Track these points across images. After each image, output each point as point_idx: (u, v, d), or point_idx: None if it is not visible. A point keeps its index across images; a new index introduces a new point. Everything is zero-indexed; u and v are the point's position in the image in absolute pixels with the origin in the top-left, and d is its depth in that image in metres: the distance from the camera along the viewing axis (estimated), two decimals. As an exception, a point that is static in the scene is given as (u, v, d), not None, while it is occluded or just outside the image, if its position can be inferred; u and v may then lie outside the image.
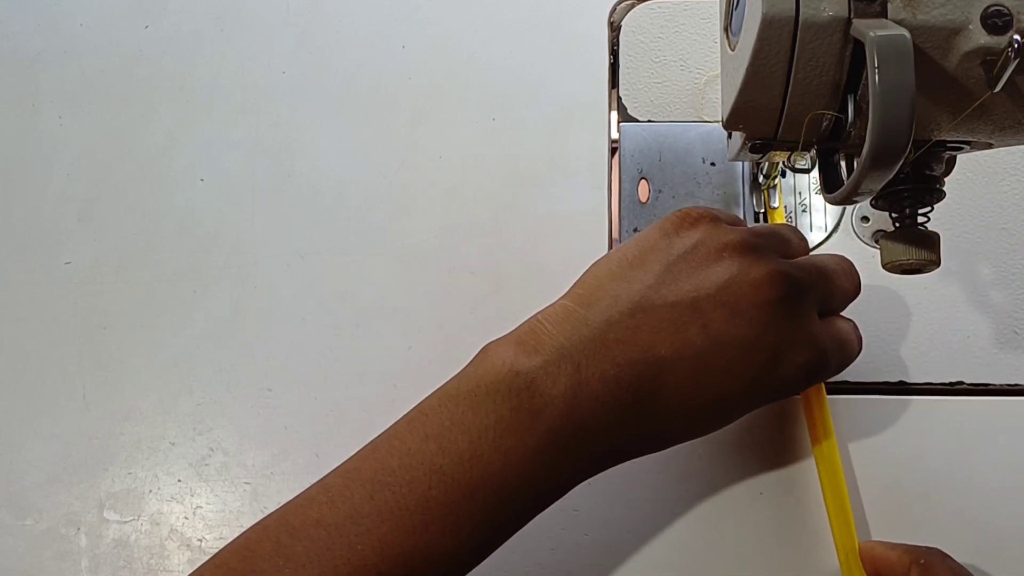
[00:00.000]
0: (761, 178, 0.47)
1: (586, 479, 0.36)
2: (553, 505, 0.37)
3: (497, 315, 0.44)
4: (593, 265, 0.38)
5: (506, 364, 0.35)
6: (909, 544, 0.39)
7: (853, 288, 0.40)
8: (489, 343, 0.37)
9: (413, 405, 0.41)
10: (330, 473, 0.36)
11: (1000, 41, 0.30)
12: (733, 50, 0.35)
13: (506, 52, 0.52)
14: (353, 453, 0.36)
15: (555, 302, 0.37)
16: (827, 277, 0.38)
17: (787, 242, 0.39)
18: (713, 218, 0.37)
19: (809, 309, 0.37)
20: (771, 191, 0.47)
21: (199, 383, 0.47)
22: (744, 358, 0.35)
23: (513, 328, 0.37)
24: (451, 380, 0.36)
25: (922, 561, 0.38)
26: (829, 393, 0.43)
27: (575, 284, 0.38)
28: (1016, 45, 0.29)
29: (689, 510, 0.43)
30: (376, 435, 0.37)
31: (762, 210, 0.47)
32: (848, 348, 0.39)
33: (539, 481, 0.35)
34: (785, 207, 0.47)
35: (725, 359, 0.35)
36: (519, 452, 0.34)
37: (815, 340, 0.37)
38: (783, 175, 0.47)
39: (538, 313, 0.37)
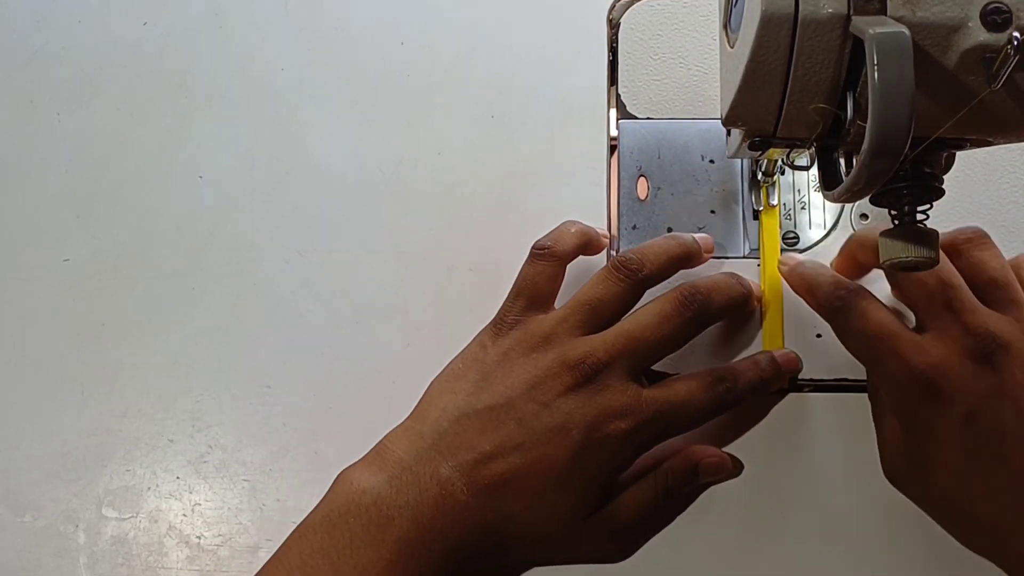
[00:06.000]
0: (760, 175, 0.47)
1: None
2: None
3: (496, 312, 0.44)
4: (430, 383, 0.42)
5: (353, 484, 0.38)
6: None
7: (669, 336, 0.41)
8: (343, 469, 0.40)
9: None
10: None
11: (999, 38, 0.30)
12: (732, 47, 0.35)
13: (505, 49, 0.52)
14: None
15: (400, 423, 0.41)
16: (631, 344, 0.40)
17: (599, 304, 0.41)
18: (523, 324, 0.41)
19: (617, 381, 0.40)
20: (770, 188, 0.47)
21: (198, 380, 0.47)
22: (561, 439, 0.38)
23: None
24: (310, 512, 0.39)
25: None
26: (829, 391, 0.43)
27: (417, 403, 0.41)
28: (1015, 42, 0.29)
29: (689, 509, 0.43)
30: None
31: (761, 207, 0.47)
32: (688, 405, 0.40)
33: None
34: (784, 204, 0.47)
35: (544, 443, 0.38)
36: (376, 565, 0.37)
37: (635, 407, 0.39)
38: (782, 172, 0.47)
39: (384, 436, 0.41)
